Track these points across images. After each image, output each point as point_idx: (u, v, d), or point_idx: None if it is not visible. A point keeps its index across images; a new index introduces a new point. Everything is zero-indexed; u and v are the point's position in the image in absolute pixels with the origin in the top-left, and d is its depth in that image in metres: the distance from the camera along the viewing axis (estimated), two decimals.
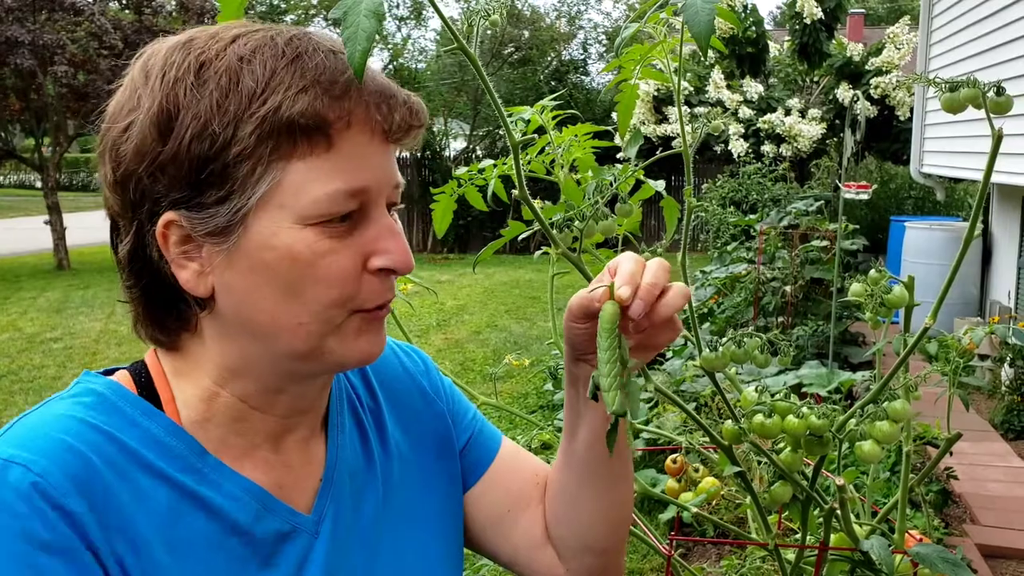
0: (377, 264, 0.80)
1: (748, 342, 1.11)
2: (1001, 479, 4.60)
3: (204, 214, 0.77)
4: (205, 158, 0.75)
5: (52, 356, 8.47)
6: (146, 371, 0.85)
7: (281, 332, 0.80)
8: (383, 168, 0.81)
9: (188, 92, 0.76)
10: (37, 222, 16.39)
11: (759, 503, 1.30)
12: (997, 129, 1.03)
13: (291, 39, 0.79)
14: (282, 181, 0.76)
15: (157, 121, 0.76)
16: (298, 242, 0.77)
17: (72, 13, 14.18)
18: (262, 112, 0.75)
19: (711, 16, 0.80)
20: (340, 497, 0.91)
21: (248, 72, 0.76)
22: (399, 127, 0.81)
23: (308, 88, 0.76)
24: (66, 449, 0.74)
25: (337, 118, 0.77)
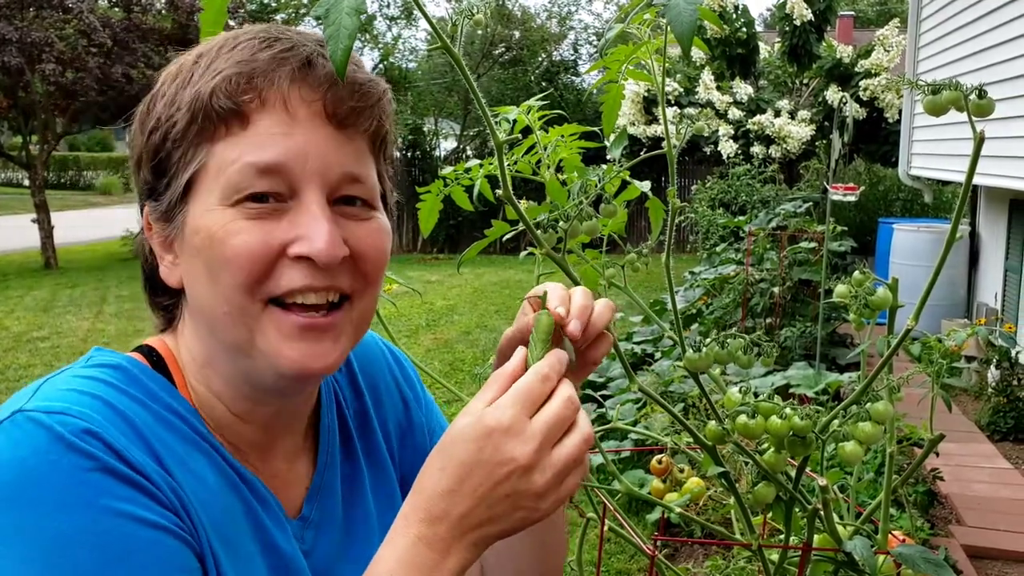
0: (295, 251, 0.77)
1: (731, 343, 1.11)
2: (987, 480, 4.62)
3: (159, 201, 0.81)
4: (156, 147, 0.80)
5: (39, 355, 8.42)
6: (156, 352, 0.86)
7: (215, 321, 0.80)
8: (316, 151, 0.78)
9: (162, 92, 0.82)
10: (24, 220, 16.31)
11: (743, 503, 1.30)
12: (979, 131, 1.03)
13: (247, 32, 0.82)
14: (207, 163, 0.78)
15: (139, 120, 0.83)
16: (216, 222, 0.77)
17: (60, 11, 14.11)
18: (188, 97, 0.78)
19: (694, 17, 0.80)
20: (327, 505, 0.91)
21: (197, 67, 0.80)
22: (336, 107, 0.79)
23: (223, 70, 0.78)
24: (107, 408, 0.74)
25: (250, 98, 0.77)
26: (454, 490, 0.72)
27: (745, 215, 8.51)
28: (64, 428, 0.69)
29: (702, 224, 9.18)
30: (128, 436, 0.73)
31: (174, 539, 0.72)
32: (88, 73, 13.98)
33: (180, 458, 0.77)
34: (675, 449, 1.60)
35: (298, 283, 0.78)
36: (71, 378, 0.77)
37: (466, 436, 0.73)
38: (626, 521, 1.52)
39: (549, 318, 0.82)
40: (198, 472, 0.78)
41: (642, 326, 6.73)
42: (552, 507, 0.74)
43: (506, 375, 0.77)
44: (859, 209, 10.40)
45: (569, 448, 0.74)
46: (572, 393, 0.77)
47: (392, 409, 1.04)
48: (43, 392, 0.74)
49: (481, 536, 0.74)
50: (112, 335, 9.18)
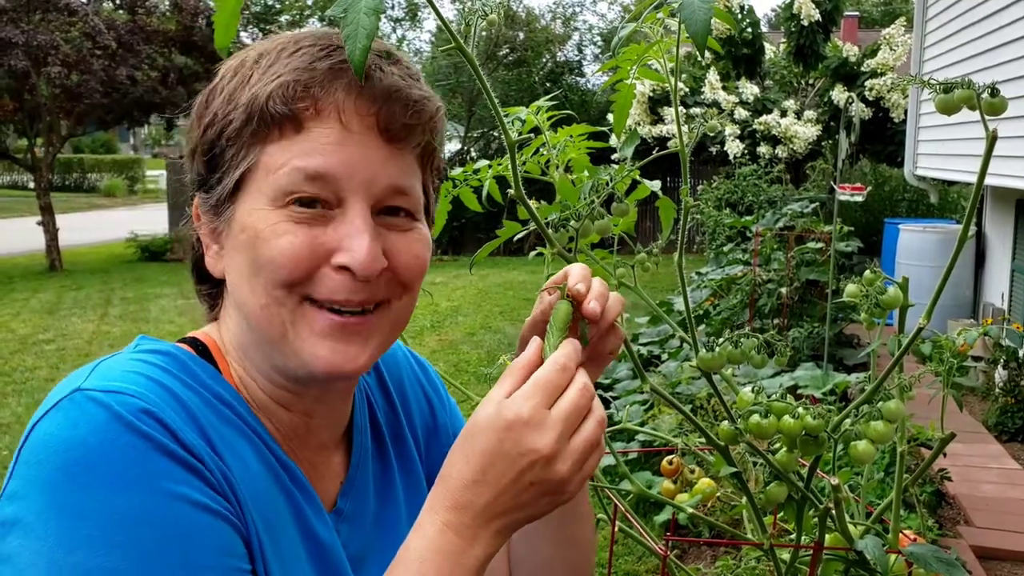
0: (337, 260, 0.80)
1: (745, 342, 1.11)
2: (995, 481, 4.61)
3: (209, 194, 0.84)
4: (211, 141, 0.82)
5: (45, 357, 8.44)
6: (201, 343, 0.87)
7: (252, 314, 0.82)
8: (366, 164, 0.80)
9: (221, 89, 0.84)
10: (30, 223, 16.35)
11: (755, 503, 1.30)
12: (992, 130, 1.03)
13: (308, 37, 0.83)
14: (259, 163, 0.80)
15: (197, 113, 0.85)
16: (262, 222, 0.79)
17: (66, 13, 14.14)
18: (246, 98, 0.80)
19: (708, 16, 0.80)
20: (360, 500, 0.93)
21: (257, 67, 0.82)
22: (390, 123, 0.81)
23: (283, 75, 0.79)
24: (162, 390, 0.75)
25: (305, 106, 0.79)
26: (478, 480, 0.74)
27: (752, 215, 8.50)
28: (123, 407, 0.71)
29: (708, 224, 9.17)
30: (182, 418, 0.74)
31: (225, 523, 0.73)
32: (93, 75, 14.02)
33: (228, 443, 0.78)
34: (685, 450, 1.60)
35: (338, 295, 0.80)
36: (125, 360, 0.78)
37: (487, 427, 0.75)
38: (637, 522, 1.52)
39: (567, 307, 0.83)
40: (244, 458, 0.79)
41: (648, 327, 6.72)
42: (576, 489, 0.77)
43: (523, 365, 0.79)
44: (865, 209, 10.38)
45: (586, 434, 0.77)
46: (587, 381, 0.79)
47: (419, 411, 1.06)
48: (100, 372, 0.75)
49: (507, 523, 0.76)
50: (117, 337, 9.19)
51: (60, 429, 0.70)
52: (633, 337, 6.74)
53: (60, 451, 0.69)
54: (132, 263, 15.38)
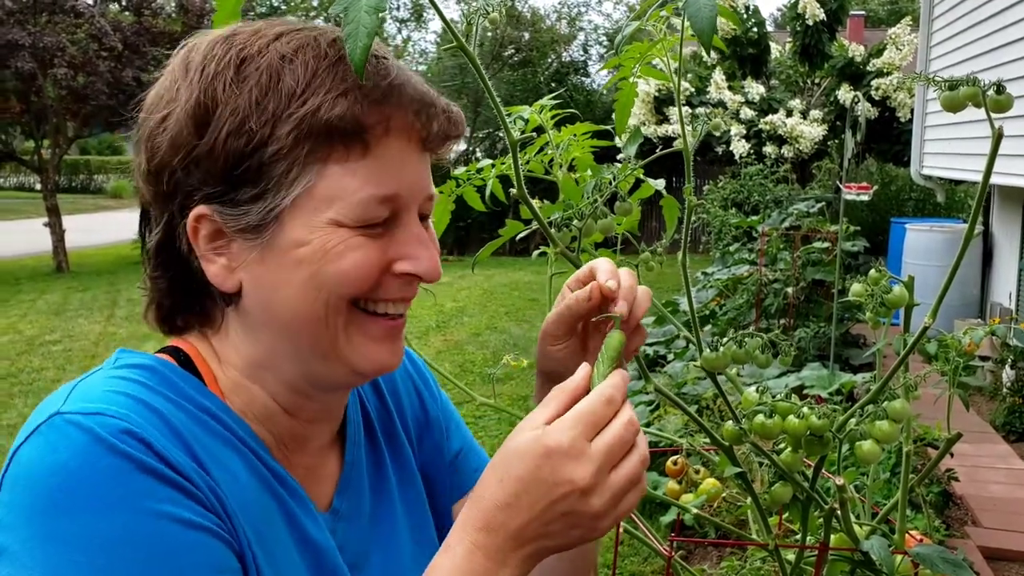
0: (402, 268, 0.81)
1: (749, 342, 1.11)
2: (1002, 481, 4.59)
3: (237, 211, 0.78)
4: (240, 155, 0.76)
5: (51, 358, 8.47)
6: (183, 353, 0.85)
7: (303, 328, 0.80)
8: (417, 176, 0.82)
9: (227, 87, 0.76)
10: (36, 224, 16.39)
11: (759, 504, 1.29)
12: (997, 128, 1.02)
13: (335, 41, 0.79)
14: (318, 183, 0.77)
15: (194, 114, 0.77)
16: (331, 239, 0.78)
17: (72, 15, 14.19)
18: (301, 113, 0.75)
19: (713, 14, 0.80)
20: (355, 498, 0.92)
21: (289, 71, 0.76)
22: (436, 136, 0.82)
23: (348, 92, 0.76)
24: (144, 407, 0.73)
25: (376, 123, 0.77)
26: (511, 503, 0.73)
27: (758, 215, 8.48)
28: (103, 429, 0.69)
29: (714, 224, 9.15)
30: (166, 435, 0.72)
31: (215, 539, 0.72)
32: (99, 77, 14.06)
33: (216, 457, 0.77)
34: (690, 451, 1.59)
35: (395, 294, 0.82)
36: (104, 379, 0.76)
37: (525, 452, 0.74)
38: (642, 522, 1.51)
39: (620, 337, 0.83)
40: (233, 470, 0.78)
41: (654, 328, 6.71)
42: (610, 525, 0.75)
43: (568, 391, 0.78)
44: (871, 209, 10.34)
45: (627, 470, 0.75)
46: (633, 415, 0.77)
47: (411, 406, 1.06)
48: (78, 393, 0.74)
49: (536, 549, 0.75)
50: (123, 338, 9.21)
51: (41, 455, 0.69)
52: None
53: (42, 477, 0.67)
54: (138, 264, 15.22)
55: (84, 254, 16.10)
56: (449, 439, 1.08)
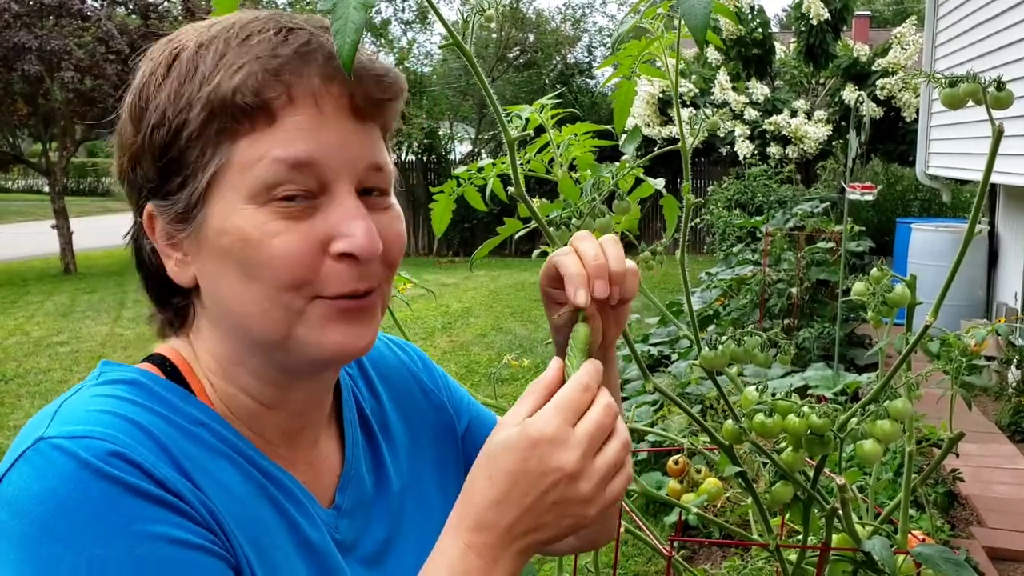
0: (337, 248, 0.77)
1: (748, 340, 1.10)
2: (1008, 481, 4.57)
3: (169, 201, 0.78)
4: (164, 145, 0.77)
5: (59, 360, 8.49)
6: (169, 361, 0.84)
7: (249, 319, 0.78)
8: (345, 144, 0.78)
9: (157, 84, 0.78)
10: (44, 226, 16.43)
11: (760, 504, 1.29)
12: (998, 125, 1.02)
13: (252, 21, 0.79)
14: (230, 160, 0.76)
15: (131, 115, 0.79)
16: (248, 223, 0.76)
17: (79, 19, 14.22)
18: (205, 93, 0.75)
19: (707, 10, 0.79)
20: (357, 495, 0.92)
21: (202, 58, 0.77)
22: (364, 101, 0.79)
23: (246, 65, 0.75)
24: (130, 425, 0.72)
25: (278, 94, 0.75)
26: (501, 500, 0.73)
27: (762, 215, 8.47)
28: (90, 453, 0.68)
29: (718, 225, 9.14)
30: (154, 453, 0.71)
31: (210, 556, 0.71)
32: (106, 80, 14.08)
33: (206, 470, 0.75)
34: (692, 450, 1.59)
35: (345, 287, 0.78)
36: (88, 398, 0.75)
37: (511, 446, 0.74)
38: (643, 523, 1.51)
39: (587, 329, 0.83)
40: (225, 482, 0.77)
41: (658, 328, 6.71)
42: (599, 512, 0.75)
43: (544, 384, 0.78)
44: (876, 209, 10.32)
45: (611, 454, 0.75)
46: (611, 400, 0.77)
47: (408, 395, 1.04)
48: (62, 416, 0.73)
49: (529, 543, 0.75)
50: (130, 339, 9.23)
51: (28, 482, 0.67)
52: (644, 337, 6.72)
53: (32, 506, 0.66)
54: None
55: (91, 256, 16.14)
56: (459, 418, 1.07)
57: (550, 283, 0.89)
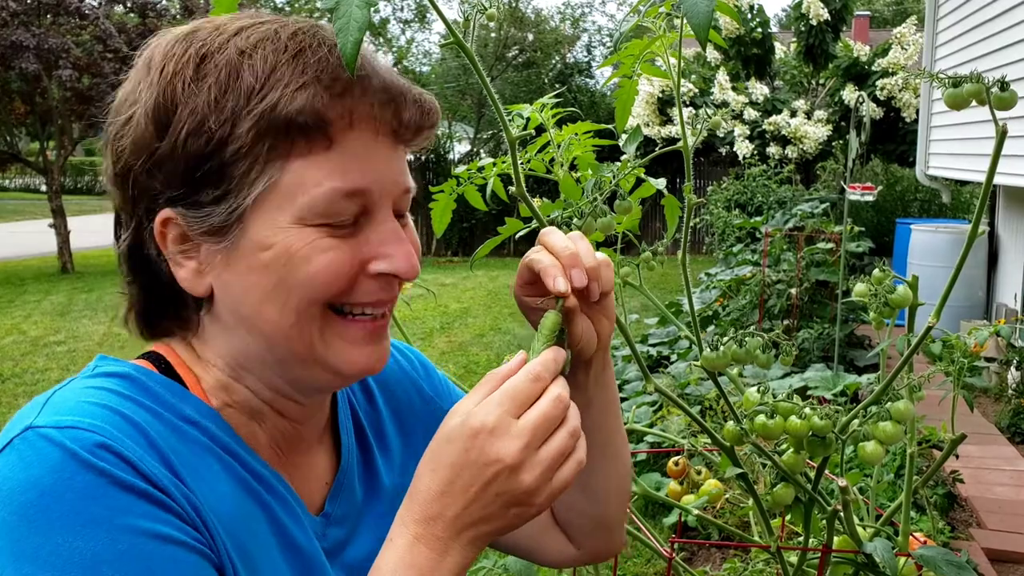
0: (377, 268, 0.78)
1: (750, 341, 1.09)
2: (1008, 483, 4.56)
3: (201, 212, 0.76)
4: (201, 155, 0.74)
5: (55, 359, 8.48)
6: (163, 358, 0.83)
7: (275, 334, 0.78)
8: (388, 170, 0.79)
9: (186, 87, 0.74)
10: (41, 225, 16.43)
11: (761, 505, 1.28)
12: (1001, 125, 1.01)
13: (295, 33, 0.76)
14: (280, 180, 0.74)
15: (154, 116, 0.75)
16: (296, 241, 0.75)
17: (77, 17, 14.22)
18: (259, 109, 0.72)
19: (710, 8, 0.79)
20: (348, 502, 0.91)
21: (248, 67, 0.74)
22: (407, 127, 0.79)
23: (308, 85, 0.73)
24: (119, 418, 0.71)
25: (338, 117, 0.74)
26: (445, 491, 0.73)
27: (761, 216, 8.47)
28: (77, 444, 0.67)
29: (718, 225, 9.14)
30: (142, 447, 0.71)
31: (193, 553, 0.70)
32: (104, 78, 14.08)
33: (193, 467, 0.75)
34: (692, 451, 1.58)
35: (372, 297, 0.79)
36: (80, 389, 0.75)
37: (453, 437, 0.73)
38: (643, 523, 1.50)
39: (556, 317, 0.82)
40: (211, 481, 0.76)
41: (657, 328, 6.70)
42: (547, 502, 0.75)
43: (499, 375, 0.77)
44: (876, 209, 10.32)
45: (556, 444, 0.74)
46: (563, 392, 0.76)
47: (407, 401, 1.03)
48: (52, 406, 0.72)
49: (477, 534, 0.74)
50: (127, 339, 9.13)
51: (14, 471, 0.67)
52: (643, 338, 6.72)
53: (15, 494, 0.66)
54: None
55: (89, 255, 16.13)
56: None
57: (525, 290, 0.88)
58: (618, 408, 1.02)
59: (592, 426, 0.96)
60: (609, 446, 1.00)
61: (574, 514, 1.04)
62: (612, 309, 0.90)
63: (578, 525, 1.05)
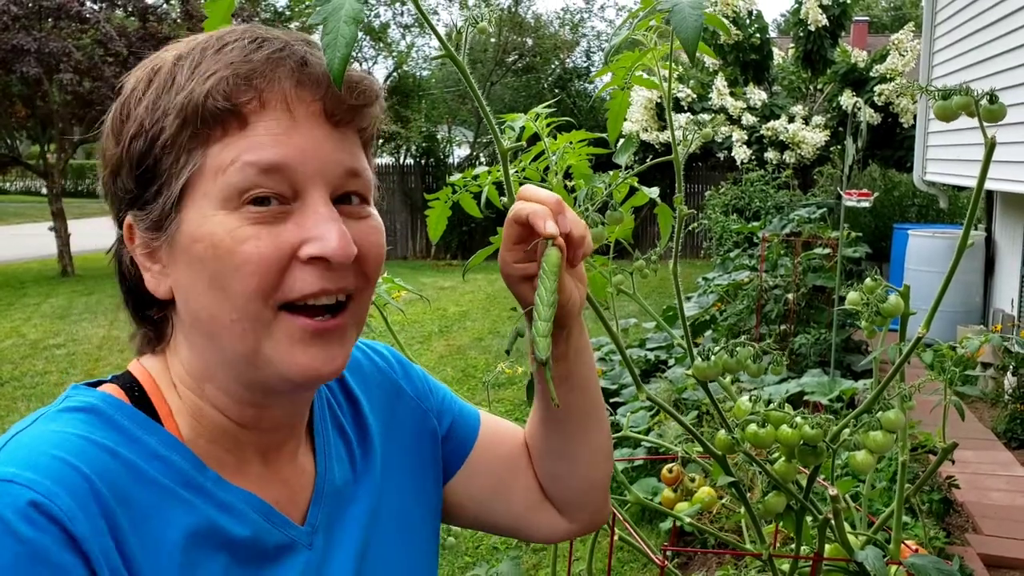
0: (308, 252, 0.76)
1: (740, 351, 1.10)
2: (1004, 488, 4.57)
3: (145, 210, 0.79)
4: (141, 154, 0.77)
5: (55, 362, 8.48)
6: (137, 383, 0.82)
7: (220, 331, 0.78)
8: (317, 149, 0.77)
9: (137, 99, 0.79)
10: (42, 228, 16.44)
11: (753, 513, 1.29)
12: (991, 137, 1.02)
13: (229, 32, 0.80)
14: (203, 166, 0.76)
15: (112, 128, 0.80)
16: (219, 228, 0.75)
17: (78, 21, 14.24)
18: (179, 100, 0.76)
19: (699, 22, 0.79)
20: (331, 508, 0.90)
21: (179, 68, 0.78)
22: (336, 106, 0.79)
23: (217, 72, 0.76)
24: (68, 468, 0.70)
25: (249, 99, 0.76)
26: None
27: (759, 221, 8.48)
28: (8, 502, 0.66)
29: (715, 230, 9.15)
30: (81, 501, 0.69)
31: None
32: (104, 82, 14.08)
33: (144, 515, 0.74)
34: (686, 458, 1.59)
35: (313, 287, 0.77)
36: (39, 432, 0.74)
37: None
38: (635, 531, 1.51)
39: (558, 252, 0.82)
40: (161, 529, 0.74)
41: (655, 332, 6.71)
42: None
43: None
44: (874, 214, 10.33)
45: None
46: None
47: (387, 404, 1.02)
48: (7, 451, 0.71)
49: None
50: (126, 342, 9.16)
51: None
52: (640, 342, 6.72)
53: None
54: None
55: (89, 258, 16.12)
56: (440, 420, 1.06)
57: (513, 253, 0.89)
58: (595, 371, 1.04)
59: (574, 391, 0.99)
60: (591, 408, 1.02)
61: (563, 482, 1.06)
62: (584, 274, 0.92)
63: (568, 494, 1.06)
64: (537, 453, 1.07)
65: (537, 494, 1.07)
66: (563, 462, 1.04)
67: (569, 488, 1.06)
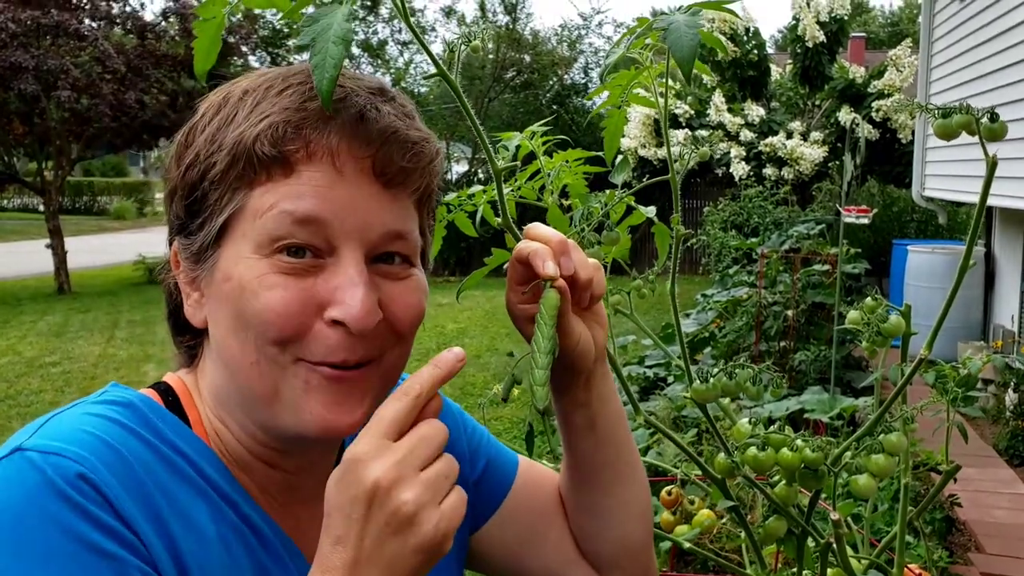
0: (331, 315, 0.75)
1: (739, 373, 1.08)
2: (1006, 506, 4.54)
3: (190, 240, 0.79)
4: (192, 184, 0.78)
5: (50, 380, 8.44)
6: (172, 392, 0.84)
7: (239, 369, 0.77)
8: (359, 208, 0.76)
9: (203, 127, 0.79)
10: (39, 245, 16.43)
11: (753, 538, 1.27)
12: (992, 155, 1.01)
13: (297, 73, 0.79)
14: (245, 207, 0.76)
15: (177, 151, 0.81)
16: (248, 272, 0.75)
17: (76, 38, 14.28)
18: (231, 139, 0.75)
19: (695, 42, 0.78)
20: None
21: (242, 105, 0.78)
22: (386, 166, 0.77)
23: (271, 116, 0.75)
24: (109, 449, 0.71)
25: (296, 148, 0.75)
26: (340, 536, 0.68)
27: (757, 237, 8.47)
28: (57, 472, 0.67)
29: (714, 246, 9.14)
30: (125, 483, 0.70)
31: None
32: (102, 99, 14.13)
33: (181, 508, 0.74)
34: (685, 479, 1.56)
35: (335, 356, 0.75)
36: (79, 415, 0.75)
37: (338, 479, 0.70)
38: None
39: (556, 294, 0.79)
40: (198, 522, 0.75)
41: (654, 350, 6.69)
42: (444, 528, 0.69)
43: None
44: (873, 230, 10.35)
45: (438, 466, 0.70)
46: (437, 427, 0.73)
47: None
48: (46, 429, 0.72)
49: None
50: (123, 360, 9.19)
51: None
52: (639, 359, 6.70)
53: None
54: (140, 286, 15.41)
55: (86, 275, 16.12)
56: (474, 464, 1.03)
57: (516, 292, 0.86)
58: (625, 420, 0.99)
59: (600, 442, 0.94)
60: (620, 461, 0.98)
61: (594, 540, 1.01)
62: (604, 315, 0.89)
63: (601, 552, 1.02)
64: (568, 506, 1.03)
65: (572, 548, 1.03)
66: (593, 518, 1.00)
67: (602, 547, 1.02)
